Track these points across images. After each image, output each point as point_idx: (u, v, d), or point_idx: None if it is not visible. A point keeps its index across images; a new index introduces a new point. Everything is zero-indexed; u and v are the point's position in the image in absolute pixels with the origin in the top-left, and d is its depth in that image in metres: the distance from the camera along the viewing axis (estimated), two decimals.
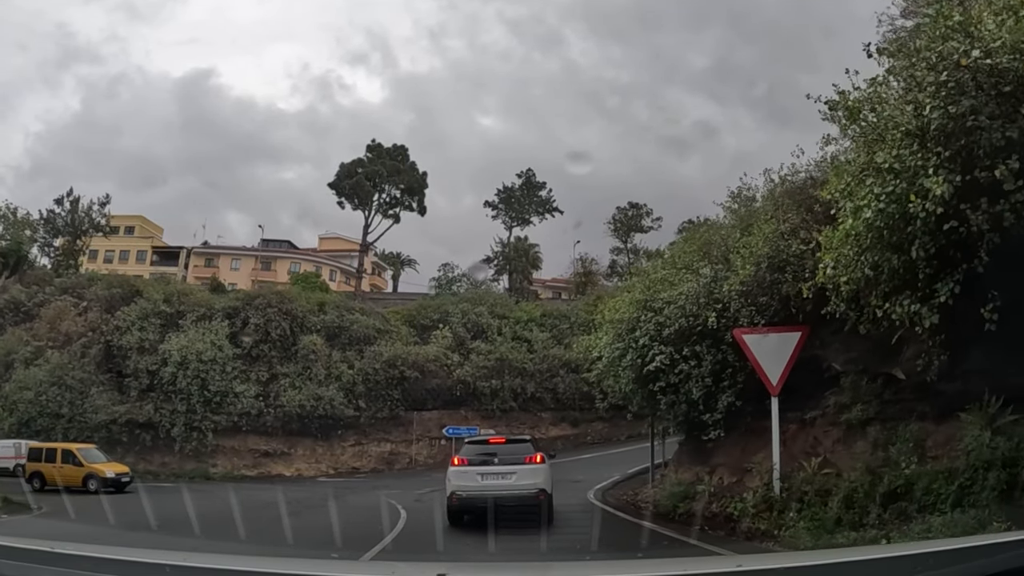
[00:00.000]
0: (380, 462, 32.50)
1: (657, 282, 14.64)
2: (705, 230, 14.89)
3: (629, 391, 15.01)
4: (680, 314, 13.25)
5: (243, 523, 10.52)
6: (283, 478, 30.86)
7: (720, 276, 13.25)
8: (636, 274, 15.62)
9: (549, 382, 34.28)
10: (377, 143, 46.11)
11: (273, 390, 32.34)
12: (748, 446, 13.80)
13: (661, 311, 13.73)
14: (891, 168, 7.24)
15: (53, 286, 40.78)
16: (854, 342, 11.76)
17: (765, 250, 11.28)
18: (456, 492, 12.79)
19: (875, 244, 7.64)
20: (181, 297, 36.18)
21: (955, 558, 1.92)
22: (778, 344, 12.12)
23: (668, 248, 15.78)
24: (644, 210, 50.31)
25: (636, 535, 12.13)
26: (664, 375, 13.47)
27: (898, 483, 9.03)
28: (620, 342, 14.25)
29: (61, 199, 48.16)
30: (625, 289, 16.31)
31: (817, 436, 11.99)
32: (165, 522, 11.39)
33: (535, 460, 13.63)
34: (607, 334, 15.15)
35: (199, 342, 32.87)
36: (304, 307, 34.84)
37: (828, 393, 12.09)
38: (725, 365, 13.15)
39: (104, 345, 34.87)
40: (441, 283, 51.27)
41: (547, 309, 39.90)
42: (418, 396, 32.96)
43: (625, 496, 17.38)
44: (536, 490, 13.19)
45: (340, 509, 15.69)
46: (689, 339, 13.33)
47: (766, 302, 11.59)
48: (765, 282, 11.60)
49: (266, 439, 32.01)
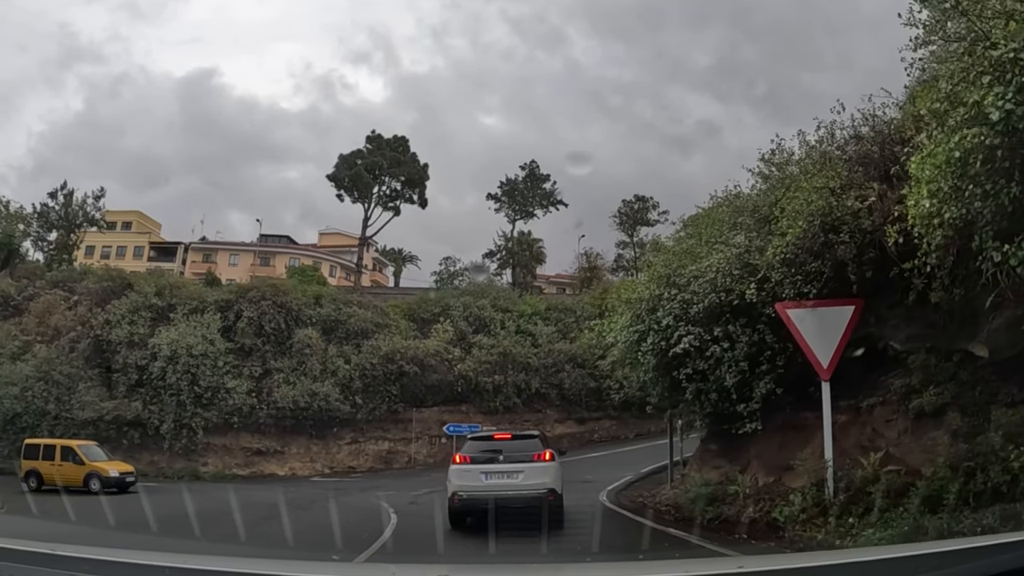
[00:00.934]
0: (378, 461, 30.61)
1: (681, 255, 12.78)
2: (735, 197, 13.00)
3: (648, 380, 13.13)
4: (710, 289, 11.39)
5: (199, 526, 9.53)
6: (276, 478, 29.04)
7: (755, 246, 11.41)
8: (656, 251, 13.68)
9: (555, 377, 32.37)
10: (377, 134, 44.37)
11: (266, 386, 30.53)
12: (787, 441, 11.90)
13: (687, 287, 11.87)
14: (1017, 59, 5.39)
15: (44, 280, 39.12)
16: (918, 315, 9.90)
17: (818, 203, 9.41)
18: (458, 493, 11.57)
19: (990, 166, 5.77)
20: (173, 290, 34.43)
21: (958, 559, 1.86)
22: (828, 320, 10.27)
23: (688, 225, 13.81)
24: (650, 203, 48.43)
25: (661, 544, 10.22)
26: (691, 360, 11.61)
27: (1000, 479, 7.16)
28: (640, 324, 12.39)
29: (55, 192, 46.57)
30: (645, 264, 14.37)
31: (876, 427, 10.11)
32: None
33: (544, 457, 12.02)
34: (624, 315, 13.28)
35: (190, 336, 31.07)
36: (300, 300, 33.02)
37: (888, 376, 10.23)
38: (762, 347, 11.29)
39: (93, 340, 33.13)
40: (442, 277, 49.42)
41: (552, 303, 38.05)
42: (417, 392, 31.09)
43: (641, 498, 15.49)
44: (545, 490, 11.60)
45: (323, 512, 13.88)
46: (720, 318, 11.47)
47: (816, 268, 9.72)
48: (816, 244, 9.73)
49: (259, 437, 30.18)
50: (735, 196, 13.16)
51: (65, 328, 34.32)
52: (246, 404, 30.02)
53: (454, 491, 11.63)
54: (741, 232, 11.73)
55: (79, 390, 31.46)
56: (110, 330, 32.59)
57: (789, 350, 11.25)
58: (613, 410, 32.81)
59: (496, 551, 8.53)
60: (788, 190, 10.80)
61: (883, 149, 10.21)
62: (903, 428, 9.56)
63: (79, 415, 30.55)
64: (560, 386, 32.28)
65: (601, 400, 32.45)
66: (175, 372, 30.36)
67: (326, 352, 31.26)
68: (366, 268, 55.70)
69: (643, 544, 9.62)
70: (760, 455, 12.34)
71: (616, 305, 14.59)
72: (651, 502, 14.81)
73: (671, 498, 14.14)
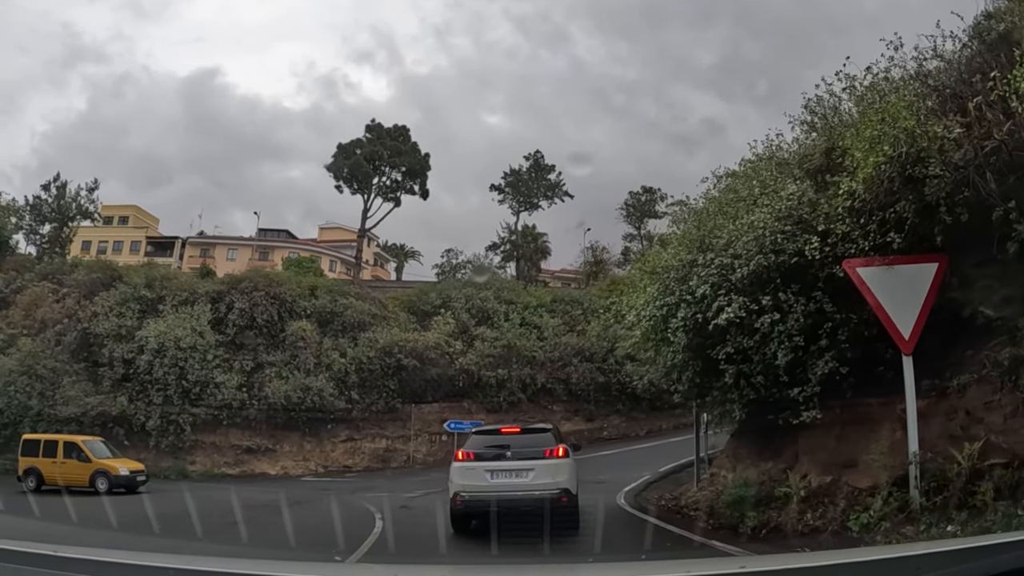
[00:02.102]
0: (374, 460, 28.57)
1: (716, 214, 10.73)
2: (776, 149, 10.95)
3: (678, 362, 11.03)
4: (756, 249, 9.33)
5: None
6: (267, 477, 27.07)
7: (807, 199, 9.38)
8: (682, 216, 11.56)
9: (561, 372, 30.29)
10: (377, 123, 42.42)
11: (258, 380, 28.55)
12: (847, 433, 9.83)
13: (726, 249, 9.80)
14: None
15: (33, 272, 37.42)
16: (1018, 273, 7.88)
17: (907, 123, 7.36)
18: (460, 493, 10.19)
19: None
20: (164, 282, 32.55)
21: (958, 558, 1.85)
22: (907, 280, 8.23)
23: (725, 178, 11.67)
24: (658, 194, 46.35)
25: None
26: (732, 336, 9.55)
27: None
28: (668, 296, 10.33)
29: (48, 185, 44.87)
30: (672, 231, 12.25)
31: (970, 411, 8.03)
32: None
33: (557, 454, 10.31)
34: (648, 288, 11.21)
35: (178, 328, 29.14)
36: (294, 291, 31.07)
37: (984, 350, 8.16)
38: (821, 318, 9.23)
39: (80, 333, 31.27)
40: (444, 271, 47.39)
41: (558, 295, 35.99)
42: (417, 387, 29.06)
43: (664, 501, 13.40)
44: (558, 491, 9.88)
45: (300, 517, 11.95)
46: (768, 284, 9.41)
47: (900, 211, 7.67)
48: (895, 184, 7.69)
49: (249, 434, 28.18)
50: (776, 148, 11.11)
51: (52, 321, 32.59)
52: (236, 399, 28.07)
53: (456, 492, 10.20)
54: (792, 181, 9.67)
55: (63, 385, 29.64)
56: (98, 323, 30.77)
57: (852, 322, 9.20)
58: (623, 406, 30.82)
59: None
60: (853, 127, 8.76)
61: (960, 80, 8.23)
62: (1011, 410, 7.49)
63: (62, 411, 28.70)
64: (567, 381, 30.21)
65: (610, 395, 30.51)
66: (162, 366, 28.48)
67: (321, 345, 29.28)
68: (367, 264, 53.79)
69: (681, 556, 7.68)
70: (812, 450, 10.26)
71: (637, 281, 12.51)
72: (677, 506, 12.73)
73: (701, 501, 12.05)
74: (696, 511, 11.60)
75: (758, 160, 10.93)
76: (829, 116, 10.90)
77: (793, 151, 10.97)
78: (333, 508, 12.32)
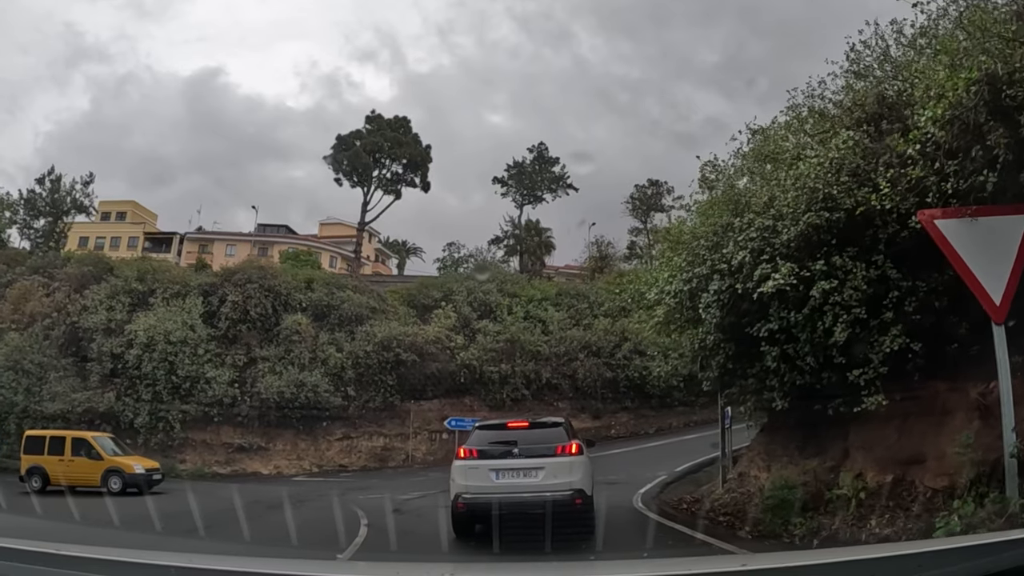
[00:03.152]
0: (372, 459, 27.07)
1: (752, 172, 9.22)
2: (818, 98, 9.43)
3: (709, 345, 9.51)
4: (805, 205, 7.82)
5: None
6: (260, 476, 25.60)
7: (861, 148, 7.88)
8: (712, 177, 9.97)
9: (567, 367, 28.77)
10: (377, 114, 41.02)
11: (250, 376, 27.10)
12: (910, 423, 8.30)
13: (768, 208, 8.30)
14: None
15: (24, 266, 36.14)
16: None
17: (995, 46, 5.88)
18: (462, 495, 9.13)
19: None
20: (156, 275, 31.21)
21: (960, 556, 1.81)
22: (997, 233, 6.67)
23: (759, 132, 10.09)
24: (664, 188, 44.82)
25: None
26: (777, 309, 8.05)
27: None
28: (700, 265, 8.83)
29: (42, 178, 43.61)
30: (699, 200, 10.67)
31: None
32: None
33: (570, 450, 9.12)
34: (675, 259, 9.69)
35: (168, 321, 27.77)
36: (289, 284, 29.65)
37: None
38: (885, 286, 7.72)
39: (69, 327, 29.96)
40: (446, 265, 45.87)
41: (563, 288, 34.47)
42: (416, 383, 27.56)
43: (686, 504, 11.87)
44: (571, 492, 8.66)
45: (280, 521, 10.47)
46: (820, 247, 7.91)
47: (990, 147, 6.18)
48: (983, 114, 6.20)
49: (241, 431, 26.73)
50: (819, 97, 9.60)
51: (41, 315, 31.29)
52: (227, 395, 26.65)
53: (458, 493, 9.16)
54: (842, 130, 8.16)
55: (50, 380, 28.32)
56: (87, 317, 29.45)
57: (920, 291, 7.70)
58: (631, 402, 29.33)
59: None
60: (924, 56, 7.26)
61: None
62: None
63: (48, 407, 27.35)
64: (573, 376, 28.68)
65: (618, 392, 29.02)
66: (151, 360, 27.12)
67: (316, 340, 27.82)
68: (368, 260, 52.41)
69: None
70: (867, 445, 8.75)
71: (661, 254, 10.98)
72: (702, 509, 11.19)
73: (730, 504, 10.53)
74: (726, 516, 10.08)
75: (798, 110, 9.40)
76: (878, 63, 9.45)
77: (838, 100, 9.47)
78: (317, 511, 10.90)
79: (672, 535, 9.30)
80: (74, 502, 12.52)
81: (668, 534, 9.47)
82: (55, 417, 27.23)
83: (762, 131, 9.57)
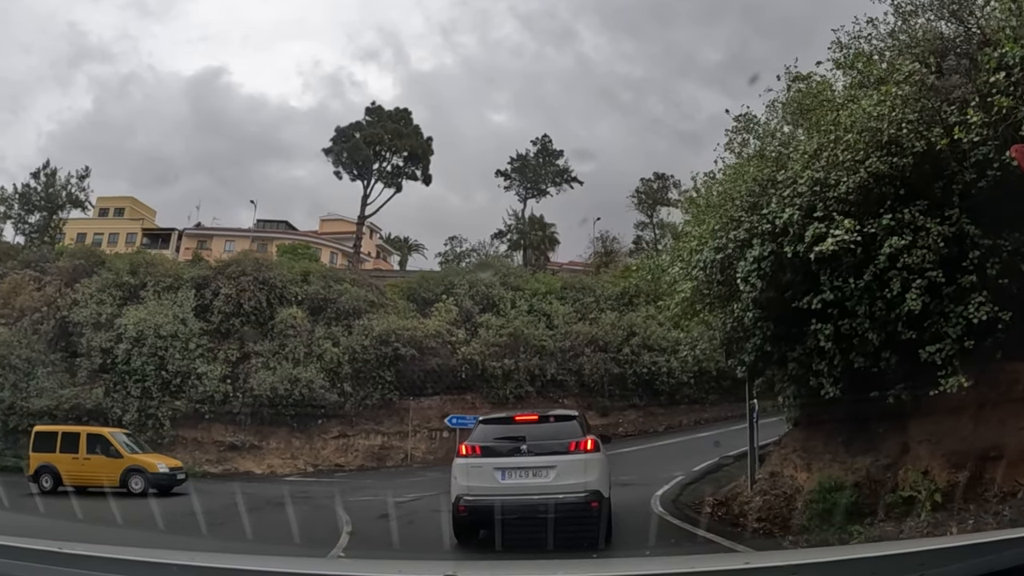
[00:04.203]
0: (369, 458, 25.73)
1: (796, 118, 7.87)
2: (867, 39, 8.06)
3: (745, 324, 8.12)
4: (866, 146, 6.48)
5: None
6: (252, 476, 24.28)
7: (929, 82, 6.54)
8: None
9: (573, 362, 27.39)
10: (377, 105, 39.74)
11: (243, 371, 25.82)
12: (988, 410, 6.97)
13: (817, 157, 6.96)
14: None
15: (15, 260, 35.05)
16: None
17: None
18: (464, 497, 8.14)
19: None
20: (149, 268, 30.01)
21: (962, 555, 1.75)
22: None
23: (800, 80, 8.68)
24: (671, 181, 43.44)
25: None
26: (831, 276, 6.71)
27: None
28: (735, 229, 7.48)
29: (37, 172, 42.50)
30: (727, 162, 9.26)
31: None
32: None
33: (585, 447, 8.16)
34: (703, 226, 8.33)
35: (159, 315, 26.54)
36: (285, 276, 28.37)
37: None
38: (961, 245, 6.38)
39: (59, 321, 28.81)
40: (448, 259, 44.54)
41: (568, 281, 33.12)
42: (415, 379, 26.23)
43: (711, 508, 10.48)
44: (586, 493, 7.48)
45: (256, 526, 9.21)
46: (884, 200, 6.57)
47: None
48: None
49: (233, 429, 25.43)
50: (866, 39, 8.22)
51: (30, 309, 30.16)
52: (219, 392, 25.37)
53: (459, 495, 8.17)
54: (907, 63, 6.81)
55: (38, 376, 27.18)
56: (77, 311, 28.29)
57: (1004, 250, 6.36)
58: (640, 399, 27.96)
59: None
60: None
61: None
62: None
63: (35, 403, 26.18)
64: (579, 372, 27.30)
65: (626, 388, 27.67)
66: (140, 355, 25.88)
67: (312, 334, 26.52)
68: (369, 256, 51.18)
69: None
70: (933, 437, 7.40)
71: (687, 225, 9.60)
72: (730, 514, 9.83)
73: (763, 508, 9.16)
74: (762, 522, 8.72)
75: (847, 50, 8.02)
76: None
77: (890, 43, 8.10)
78: (299, 515, 9.61)
79: (702, 545, 7.95)
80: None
81: (696, 543, 8.11)
82: (42, 414, 26.06)
83: (804, 77, 8.23)
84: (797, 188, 6.81)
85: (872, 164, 6.35)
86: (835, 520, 7.30)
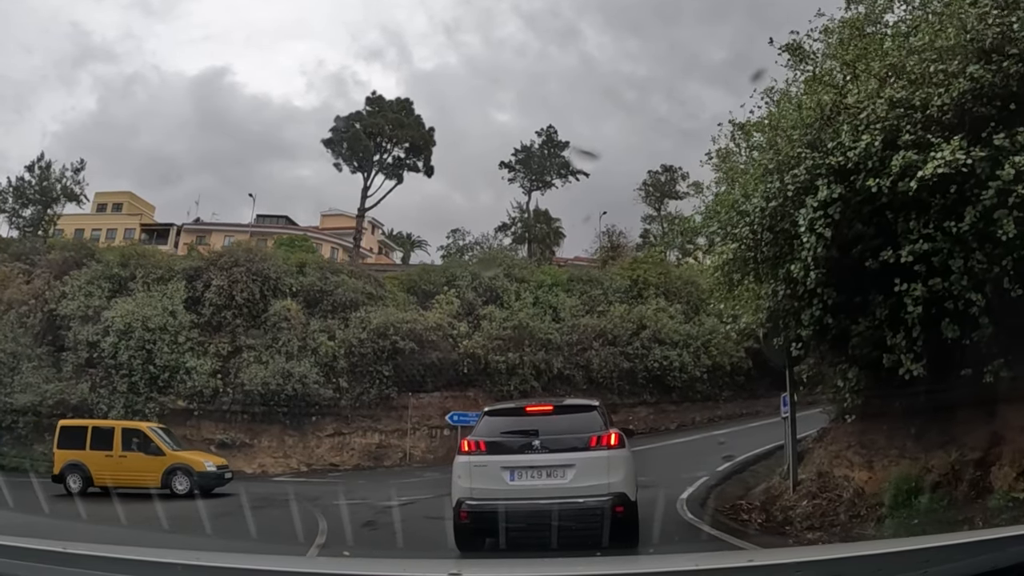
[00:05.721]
0: (366, 457, 24.32)
1: (860, 40, 6.39)
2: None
3: (807, 288, 6.56)
4: (963, 53, 5.02)
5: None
6: (243, 475, 22.91)
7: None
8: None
9: (580, 357, 25.93)
10: (378, 95, 38.43)
11: (234, 366, 24.49)
12: None
13: (897, 76, 5.49)
14: None
15: (5, 253, 33.95)
16: None
17: None
18: (466, 501, 6.97)
19: None
20: (139, 260, 28.79)
21: (967, 551, 1.75)
22: None
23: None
24: (679, 173, 41.96)
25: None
26: (919, 223, 5.25)
27: None
28: (795, 167, 6.00)
29: (32, 165, 41.38)
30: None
31: None
32: None
33: (608, 442, 7.01)
34: (752, 170, 6.85)
35: (148, 307, 25.29)
36: (280, 268, 27.04)
37: None
38: None
39: (46, 315, 27.61)
40: (450, 252, 43.16)
41: (575, 274, 31.68)
42: (415, 373, 24.84)
43: (746, 514, 8.98)
44: (609, 496, 6.43)
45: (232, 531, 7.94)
46: (986, 121, 5.10)
47: None
48: None
49: (223, 426, 24.10)
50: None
51: (18, 303, 29.00)
52: (209, 387, 24.05)
53: (461, 499, 7.02)
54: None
55: (22, 371, 25.94)
56: (65, 304, 27.09)
57: None
58: (650, 396, 26.49)
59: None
60: None
61: None
62: None
63: (19, 399, 24.96)
64: (587, 367, 25.83)
65: (636, 384, 26.21)
66: (127, 349, 24.61)
67: (307, 327, 25.17)
68: (371, 251, 49.91)
69: None
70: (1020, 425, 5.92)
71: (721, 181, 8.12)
72: (772, 521, 8.34)
73: (816, 514, 7.69)
74: (814, 530, 7.23)
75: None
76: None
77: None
78: (266, 523, 8.26)
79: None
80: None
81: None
82: (25, 411, 24.91)
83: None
84: (876, 111, 5.36)
85: (975, 72, 4.90)
86: (912, 526, 5.84)
